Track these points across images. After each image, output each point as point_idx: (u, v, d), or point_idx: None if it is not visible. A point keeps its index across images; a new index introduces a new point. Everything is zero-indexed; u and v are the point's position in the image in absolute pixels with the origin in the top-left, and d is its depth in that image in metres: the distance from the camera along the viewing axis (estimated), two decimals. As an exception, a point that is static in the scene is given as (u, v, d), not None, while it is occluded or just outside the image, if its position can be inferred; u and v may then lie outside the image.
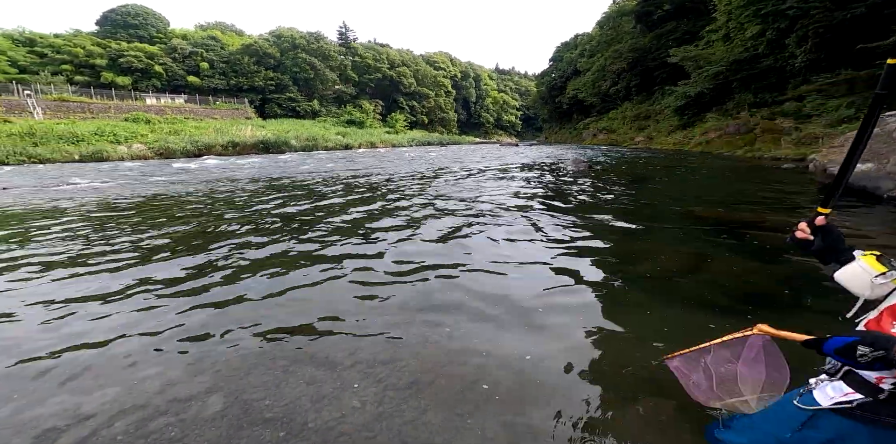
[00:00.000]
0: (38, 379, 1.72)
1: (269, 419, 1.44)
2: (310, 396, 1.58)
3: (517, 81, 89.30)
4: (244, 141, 23.04)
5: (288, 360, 1.84)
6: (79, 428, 1.41)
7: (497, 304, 2.43)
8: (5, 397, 1.60)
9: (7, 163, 14.57)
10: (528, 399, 1.58)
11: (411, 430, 1.43)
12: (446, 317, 2.27)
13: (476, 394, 1.62)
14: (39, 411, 1.51)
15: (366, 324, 2.20)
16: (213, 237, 4.05)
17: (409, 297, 2.56)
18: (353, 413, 1.49)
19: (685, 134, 21.62)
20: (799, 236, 1.00)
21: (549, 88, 51.47)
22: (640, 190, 7.33)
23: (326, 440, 1.36)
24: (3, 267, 3.21)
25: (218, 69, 39.62)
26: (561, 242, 3.78)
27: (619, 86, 34.62)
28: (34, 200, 6.66)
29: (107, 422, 1.44)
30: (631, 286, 2.68)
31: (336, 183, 8.73)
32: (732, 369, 1.19)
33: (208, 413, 1.46)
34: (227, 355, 1.87)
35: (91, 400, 1.57)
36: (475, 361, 1.84)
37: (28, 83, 25.78)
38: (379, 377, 1.73)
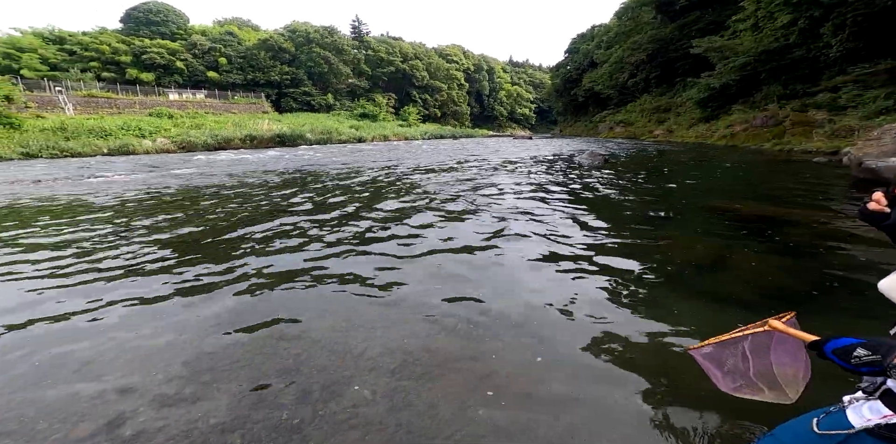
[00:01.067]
0: (63, 365, 1.79)
1: (282, 404, 1.45)
2: (321, 384, 1.58)
3: (531, 73, 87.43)
4: (261, 135, 23.41)
5: (300, 348, 1.85)
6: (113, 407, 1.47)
7: (510, 300, 2.38)
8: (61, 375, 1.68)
9: (40, 156, 15.24)
10: (537, 397, 1.55)
11: (421, 422, 1.41)
12: (459, 312, 2.24)
13: (486, 390, 1.59)
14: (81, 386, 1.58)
15: (379, 316, 2.20)
16: (236, 229, 4.13)
17: (424, 290, 2.54)
18: (365, 405, 1.48)
19: (708, 127, 20.73)
20: (872, 207, 0.82)
21: (565, 81, 50.17)
22: (660, 183, 7.08)
23: (338, 430, 1.36)
24: (43, 254, 3.35)
25: (235, 64, 40.25)
26: (578, 235, 3.69)
27: (638, 78, 33.43)
28: (66, 192, 6.94)
29: (138, 394, 1.49)
30: (651, 281, 2.59)
31: (361, 176, 8.77)
32: (766, 360, 1.12)
33: (225, 397, 1.48)
34: (243, 341, 1.90)
35: (117, 378, 1.63)
36: (487, 357, 1.81)
37: (59, 80, 26.80)
38: (391, 369, 1.73)
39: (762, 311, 2.19)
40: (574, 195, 5.86)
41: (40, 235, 3.99)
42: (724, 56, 19.30)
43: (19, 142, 15.78)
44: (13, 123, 17.34)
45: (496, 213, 4.69)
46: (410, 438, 1.35)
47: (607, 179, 7.73)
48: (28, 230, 4.16)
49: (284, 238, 3.75)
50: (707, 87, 20.71)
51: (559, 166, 10.29)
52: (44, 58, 31.98)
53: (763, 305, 2.27)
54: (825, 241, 3.33)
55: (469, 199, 5.69)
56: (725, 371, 1.26)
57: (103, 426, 1.34)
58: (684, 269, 2.81)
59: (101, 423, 1.35)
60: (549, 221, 4.26)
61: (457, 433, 1.38)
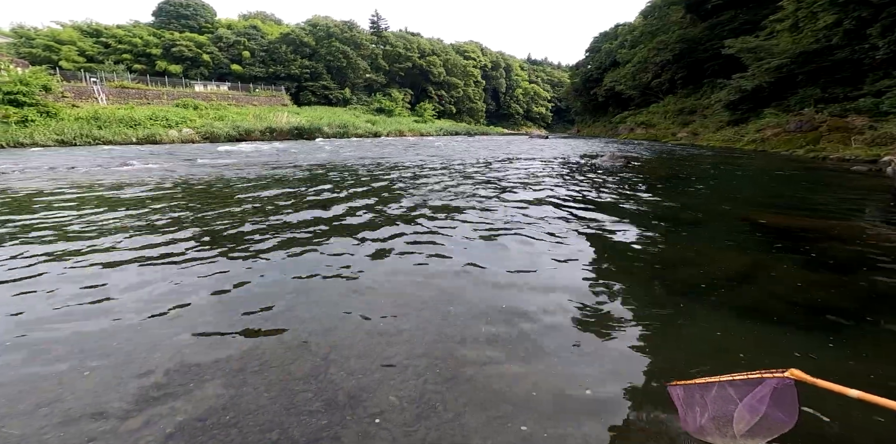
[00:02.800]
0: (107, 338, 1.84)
1: (313, 407, 1.45)
2: (349, 387, 1.58)
3: (549, 71, 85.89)
4: (280, 127, 23.83)
5: (328, 347, 1.85)
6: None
7: (537, 304, 2.33)
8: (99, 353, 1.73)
9: (75, 144, 15.90)
10: (566, 406, 1.50)
11: (449, 430, 1.39)
12: (485, 315, 2.20)
13: (515, 397, 1.56)
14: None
15: (405, 317, 2.17)
16: (262, 221, 4.19)
17: (451, 292, 2.50)
18: (392, 411, 1.47)
19: (736, 131, 19.89)
20: None
21: (585, 80, 49.08)
22: (684, 189, 6.84)
23: (368, 432, 1.35)
24: (77, 237, 3.48)
25: (258, 58, 40.97)
26: (598, 242, 3.59)
27: (663, 78, 32.38)
28: (98, 179, 7.21)
29: (163, 400, 1.51)
30: (675, 295, 2.49)
31: (385, 170, 8.81)
32: (734, 408, 1.17)
33: (260, 401, 1.49)
34: (273, 342, 1.92)
35: (157, 373, 1.66)
36: (516, 363, 1.77)
37: (94, 71, 27.82)
38: (417, 372, 1.71)
39: (797, 328, 2.07)
40: (592, 200, 5.71)
41: (70, 219, 4.14)
42: (758, 57, 18.42)
43: (55, 130, 16.50)
44: (49, 111, 18.12)
45: (513, 215, 4.61)
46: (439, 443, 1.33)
47: (628, 183, 7.51)
48: (59, 214, 4.33)
49: (310, 232, 3.77)
50: (738, 89, 19.84)
51: (577, 168, 10.07)
52: (81, 50, 33.27)
53: (799, 322, 2.15)
54: (867, 256, 3.13)
55: (488, 199, 5.63)
56: (705, 411, 1.26)
57: (142, 424, 1.37)
58: (712, 281, 2.68)
59: (139, 421, 1.38)
60: (566, 226, 4.16)
61: (486, 441, 1.36)
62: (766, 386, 1.11)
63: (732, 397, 1.19)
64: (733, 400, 1.18)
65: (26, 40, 32.03)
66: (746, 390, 1.15)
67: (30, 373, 1.65)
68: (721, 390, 1.21)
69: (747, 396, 1.15)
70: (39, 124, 16.54)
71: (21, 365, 1.70)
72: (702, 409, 1.26)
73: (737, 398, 1.18)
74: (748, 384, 1.14)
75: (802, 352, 1.85)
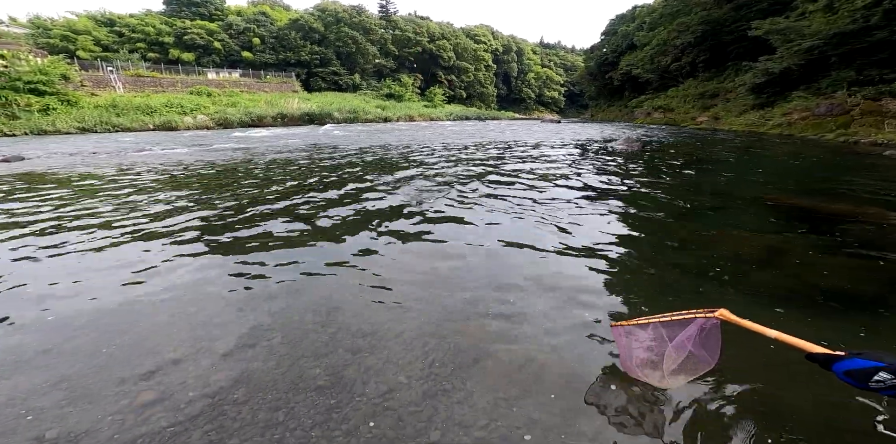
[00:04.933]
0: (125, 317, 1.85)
1: (320, 385, 1.43)
2: (356, 366, 1.55)
3: (562, 55, 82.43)
4: (291, 113, 23.73)
5: (335, 327, 1.82)
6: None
7: (548, 287, 2.25)
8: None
9: (96, 131, 16.16)
10: (573, 388, 1.44)
11: (459, 410, 1.35)
12: (492, 296, 2.14)
13: (523, 378, 1.51)
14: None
15: (414, 297, 2.13)
16: (277, 202, 4.18)
17: (458, 271, 2.44)
18: (400, 389, 1.43)
19: (762, 114, 18.82)
20: None
21: (600, 64, 46.90)
22: (704, 173, 6.51)
23: (376, 412, 1.32)
24: (98, 220, 3.53)
25: (268, 44, 40.38)
26: (616, 226, 3.45)
27: (683, 61, 30.65)
28: (117, 163, 7.30)
29: (178, 371, 1.51)
30: (694, 279, 2.36)
31: (397, 154, 8.69)
32: (665, 346, 1.21)
33: (269, 377, 1.48)
34: (284, 319, 1.90)
35: (167, 348, 1.66)
36: (525, 344, 1.71)
37: (110, 60, 27.94)
38: (425, 351, 1.67)
39: (823, 312, 1.95)
40: (608, 183, 5.50)
41: (95, 201, 4.20)
42: (787, 39, 17.15)
43: (76, 117, 16.75)
44: (70, 100, 18.36)
45: (525, 201, 4.47)
46: (446, 425, 1.29)
47: (645, 166, 7.20)
48: (83, 197, 4.40)
49: (324, 214, 3.74)
50: (764, 71, 18.63)
51: (591, 152, 9.71)
52: (97, 39, 33.31)
53: (826, 308, 2.01)
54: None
55: (500, 181, 5.48)
56: (641, 350, 1.29)
57: (158, 398, 1.36)
58: (735, 264, 2.54)
59: (154, 396, 1.37)
60: (582, 210, 4.01)
61: (492, 423, 1.32)
62: (694, 325, 1.13)
63: (664, 336, 1.21)
64: (665, 340, 1.21)
65: (43, 31, 32.16)
66: (678, 329, 1.17)
67: (51, 347, 1.67)
68: (655, 329, 1.23)
69: (677, 335, 1.17)
70: (61, 112, 16.81)
71: (41, 340, 1.73)
72: (638, 349, 1.28)
73: (668, 337, 1.20)
74: (680, 324, 1.16)
75: (831, 340, 1.73)
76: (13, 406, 1.33)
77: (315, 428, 1.24)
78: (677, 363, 1.20)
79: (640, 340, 1.28)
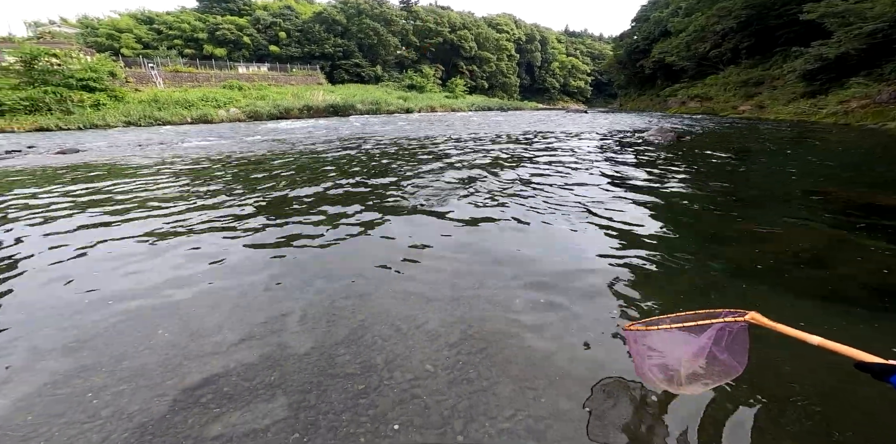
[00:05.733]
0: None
1: (349, 370, 1.44)
2: (384, 353, 1.54)
3: (589, 44, 78.21)
4: (317, 105, 24.01)
5: (364, 314, 1.83)
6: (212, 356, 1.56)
7: (578, 281, 2.15)
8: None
9: (140, 125, 17.01)
10: (601, 392, 1.37)
11: (483, 398, 1.33)
12: (520, 289, 2.08)
13: (548, 369, 1.45)
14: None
15: (440, 286, 2.10)
16: (309, 191, 4.25)
17: (486, 263, 2.39)
18: (426, 377, 1.42)
19: (813, 102, 17.18)
20: None
21: (630, 52, 44.08)
22: (749, 164, 5.99)
23: (403, 400, 1.31)
24: (149, 206, 3.72)
25: (294, 38, 40.69)
26: (647, 219, 3.26)
27: (724, 48, 28.30)
28: (161, 155, 7.66)
29: (224, 355, 1.57)
30: (735, 276, 2.19)
31: (423, 142, 8.65)
32: (682, 350, 1.09)
33: (301, 362, 1.50)
34: (314, 305, 1.92)
35: (211, 329, 1.72)
36: (551, 335, 1.66)
37: (151, 57, 29.06)
38: (450, 340, 1.64)
39: (881, 317, 1.76)
40: (642, 176, 5.18)
41: (145, 189, 4.43)
42: (845, 22, 15.39)
43: (123, 112, 17.65)
44: (117, 95, 19.33)
45: (555, 194, 4.31)
46: (471, 414, 1.27)
47: (682, 158, 6.75)
48: (135, 185, 4.64)
49: (354, 203, 3.76)
50: (818, 57, 16.89)
51: (622, 143, 9.19)
52: (138, 37, 34.63)
53: (883, 311, 1.82)
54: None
55: (529, 174, 5.32)
56: (655, 355, 1.16)
57: (202, 380, 1.41)
58: (782, 262, 2.34)
59: (196, 379, 1.42)
60: (614, 202, 3.81)
61: (518, 413, 1.28)
62: (718, 328, 1.03)
63: (682, 339, 1.10)
64: (682, 343, 1.10)
65: (91, 30, 33.78)
66: (697, 332, 1.07)
67: (104, 331, 1.77)
68: (672, 332, 1.12)
69: (698, 339, 1.07)
70: (110, 108, 17.78)
71: (99, 323, 1.83)
72: (652, 353, 1.18)
73: (685, 340, 1.10)
74: (700, 327, 1.06)
75: (888, 346, 1.56)
76: (74, 383, 1.42)
77: (345, 412, 1.25)
78: (697, 369, 1.10)
79: (655, 343, 1.17)
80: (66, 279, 2.22)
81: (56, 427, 1.18)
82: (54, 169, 6.22)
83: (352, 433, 1.18)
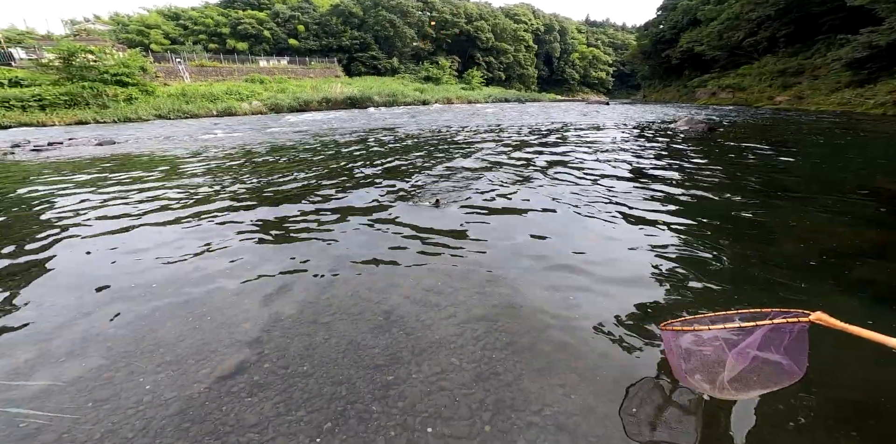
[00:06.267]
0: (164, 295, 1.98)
1: (377, 363, 1.42)
2: (411, 346, 1.52)
3: (611, 34, 74.66)
4: (335, 97, 24.07)
5: (390, 305, 1.81)
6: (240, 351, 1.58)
7: (608, 279, 2.05)
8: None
9: (169, 118, 17.54)
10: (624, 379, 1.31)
11: (508, 393, 1.29)
12: (548, 282, 2.01)
13: (575, 364, 1.40)
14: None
15: (465, 279, 2.05)
16: (331, 181, 4.26)
17: (513, 256, 2.33)
18: (452, 370, 1.39)
19: (859, 93, 15.95)
20: None
21: (655, 41, 41.79)
22: (790, 156, 5.60)
23: (430, 391, 1.28)
24: (183, 193, 3.81)
25: (312, 31, 40.74)
26: (682, 212, 3.09)
27: (759, 36, 26.47)
28: (195, 145, 7.86)
29: (254, 346, 1.58)
30: (777, 272, 2.04)
31: (438, 132, 8.55)
32: (735, 355, 0.96)
33: (331, 354, 1.49)
34: (342, 296, 1.91)
35: (235, 324, 1.74)
36: (578, 330, 1.59)
37: (178, 52, 29.71)
38: (476, 334, 1.60)
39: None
40: (673, 168, 4.90)
41: (177, 178, 4.55)
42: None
43: (154, 106, 18.21)
44: (148, 90, 19.93)
45: (584, 186, 4.16)
46: (497, 407, 1.23)
47: (716, 149, 6.38)
48: (168, 175, 4.78)
49: (377, 191, 3.75)
50: (867, 45, 15.60)
51: (650, 134, 8.74)
52: (165, 33, 35.46)
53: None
54: None
55: (552, 167, 5.16)
56: (695, 356, 1.05)
57: (233, 369, 1.41)
58: (831, 259, 2.17)
59: (229, 368, 1.43)
60: (647, 194, 3.63)
61: (545, 409, 1.24)
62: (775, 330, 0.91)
63: (728, 341, 0.98)
64: (728, 345, 0.98)
65: (122, 27, 34.79)
66: (746, 332, 0.96)
67: (141, 319, 1.82)
68: (716, 333, 1.01)
69: (747, 339, 0.95)
70: (142, 102, 18.39)
71: (134, 313, 1.89)
72: (693, 355, 1.07)
73: (733, 342, 0.98)
74: (748, 329, 0.95)
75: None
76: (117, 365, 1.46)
77: (375, 403, 1.24)
78: (748, 373, 1.00)
79: (694, 344, 1.06)
80: (103, 265, 2.30)
81: (102, 412, 1.21)
82: (93, 159, 6.49)
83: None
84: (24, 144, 8.51)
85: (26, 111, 15.21)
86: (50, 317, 1.76)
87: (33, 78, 17.44)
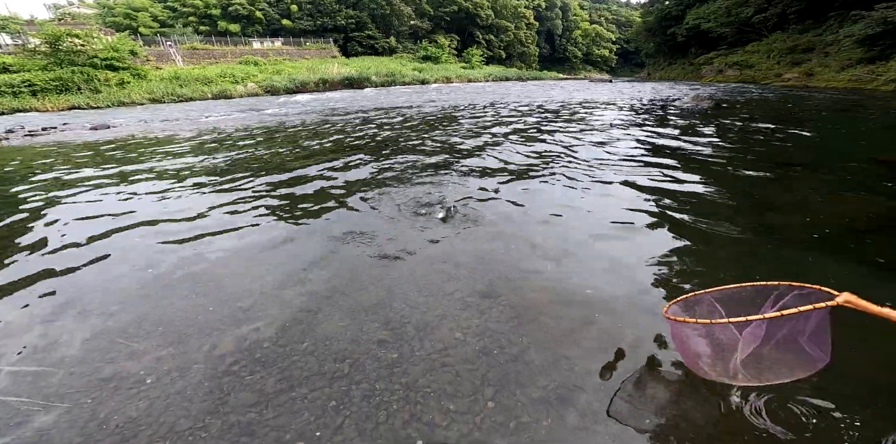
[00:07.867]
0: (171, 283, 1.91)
1: (381, 338, 1.37)
2: (414, 321, 1.46)
3: (615, 10, 70.84)
4: (332, 78, 23.28)
5: (392, 279, 1.74)
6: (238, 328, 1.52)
7: (610, 255, 1.98)
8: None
9: (164, 101, 17.04)
10: (634, 349, 1.26)
11: (514, 367, 1.24)
12: (550, 256, 1.93)
13: (580, 339, 1.35)
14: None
15: (468, 254, 1.98)
16: (332, 161, 4.12)
17: (515, 232, 2.24)
18: (456, 346, 1.33)
19: (871, 69, 15.32)
20: None
21: (660, 18, 39.58)
22: (801, 131, 5.37)
23: (433, 368, 1.24)
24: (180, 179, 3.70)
25: (305, 10, 38.75)
26: (698, 187, 2.98)
27: (769, 12, 25.08)
28: (188, 129, 7.64)
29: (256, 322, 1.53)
30: (779, 245, 1.96)
31: (438, 112, 8.26)
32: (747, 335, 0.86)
33: (332, 329, 1.44)
34: (343, 272, 1.85)
35: (235, 308, 1.68)
36: (583, 305, 1.53)
37: (168, 35, 28.44)
38: (480, 308, 1.54)
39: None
40: (680, 142, 4.72)
41: (173, 161, 4.42)
42: None
43: (147, 90, 17.63)
44: (140, 73, 19.23)
45: (592, 160, 4.00)
46: (502, 381, 1.19)
47: (721, 124, 6.14)
48: (165, 157, 4.64)
49: (376, 171, 3.63)
50: (881, 20, 14.83)
51: (656, 111, 8.41)
52: (154, 15, 33.81)
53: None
54: None
55: (556, 143, 4.97)
56: (703, 339, 0.96)
57: (236, 346, 1.37)
58: (839, 230, 2.08)
59: (229, 346, 1.39)
60: (653, 170, 3.50)
61: (552, 383, 1.19)
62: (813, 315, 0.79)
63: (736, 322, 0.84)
64: (738, 326, 0.87)
65: (108, 10, 33.10)
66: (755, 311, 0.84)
67: (141, 298, 1.76)
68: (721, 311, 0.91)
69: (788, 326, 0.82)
70: (134, 86, 17.77)
71: (143, 291, 1.83)
72: (699, 337, 0.96)
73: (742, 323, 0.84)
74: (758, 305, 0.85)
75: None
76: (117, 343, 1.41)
77: (379, 381, 1.19)
78: (768, 358, 0.89)
79: (701, 326, 0.93)
80: (104, 248, 2.24)
81: (106, 392, 1.17)
82: (87, 143, 6.31)
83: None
84: (17, 130, 8.28)
85: (17, 97, 14.74)
86: (50, 297, 1.71)
87: (21, 64, 16.79)
